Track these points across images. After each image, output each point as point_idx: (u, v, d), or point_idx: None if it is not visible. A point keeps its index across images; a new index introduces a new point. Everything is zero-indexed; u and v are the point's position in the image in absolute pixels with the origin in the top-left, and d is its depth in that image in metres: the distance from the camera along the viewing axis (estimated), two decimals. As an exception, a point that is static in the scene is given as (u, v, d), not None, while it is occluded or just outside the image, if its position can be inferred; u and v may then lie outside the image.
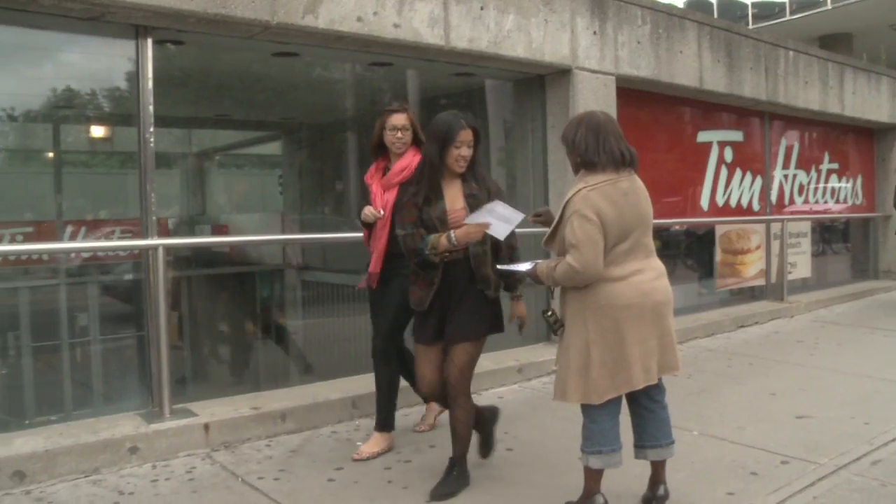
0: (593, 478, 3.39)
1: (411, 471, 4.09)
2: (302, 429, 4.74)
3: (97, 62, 5.81)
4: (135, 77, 4.77)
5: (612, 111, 6.78)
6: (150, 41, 4.72)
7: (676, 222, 8.54)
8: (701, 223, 8.78)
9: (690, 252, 9.17)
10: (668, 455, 3.52)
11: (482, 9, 5.81)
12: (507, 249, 3.81)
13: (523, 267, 3.59)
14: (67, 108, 7.41)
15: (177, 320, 6.98)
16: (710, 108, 8.58)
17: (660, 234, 8.60)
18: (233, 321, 7.83)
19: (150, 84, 4.70)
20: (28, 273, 6.56)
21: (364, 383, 4.89)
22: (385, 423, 4.37)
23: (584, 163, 3.31)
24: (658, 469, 3.54)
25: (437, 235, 3.64)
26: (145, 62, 4.71)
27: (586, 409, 3.35)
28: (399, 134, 4.26)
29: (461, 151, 3.71)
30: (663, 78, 7.30)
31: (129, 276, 6.45)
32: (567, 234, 3.23)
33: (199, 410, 4.60)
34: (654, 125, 7.98)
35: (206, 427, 4.42)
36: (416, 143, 4.33)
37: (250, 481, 3.94)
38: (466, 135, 3.72)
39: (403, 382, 4.47)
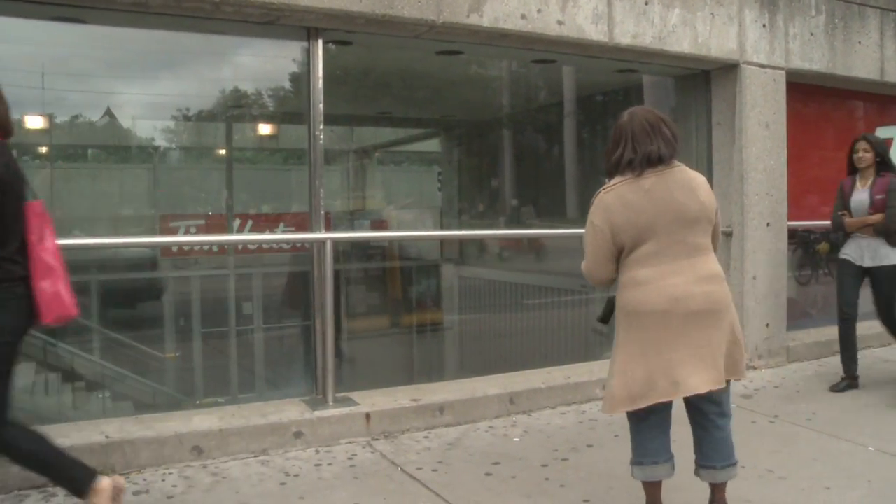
0: (647, 489, 3.25)
1: (568, 469, 4.05)
2: (459, 422, 4.79)
3: (270, 63, 6.12)
4: (306, 77, 4.97)
5: (782, 106, 6.48)
6: (320, 42, 4.89)
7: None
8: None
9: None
10: (724, 478, 3.23)
11: (646, 4, 5.67)
12: None
13: None
14: (239, 108, 7.82)
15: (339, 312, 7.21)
16: (891, 102, 7.98)
17: (829, 236, 8.11)
18: (392, 314, 8.02)
19: (321, 83, 4.88)
20: (199, 263, 6.98)
21: (521, 379, 4.90)
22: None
23: (607, 172, 3.21)
24: (715, 492, 3.27)
25: None
26: (316, 62, 4.89)
27: (628, 418, 3.22)
28: None
29: None
30: (839, 71, 6.86)
31: (293, 269, 6.73)
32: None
33: (361, 400, 4.74)
34: (827, 121, 7.52)
35: (368, 416, 4.55)
36: None
37: (409, 471, 4.02)
38: None
39: None
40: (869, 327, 7.41)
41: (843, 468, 4.06)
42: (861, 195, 5.61)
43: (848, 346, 5.79)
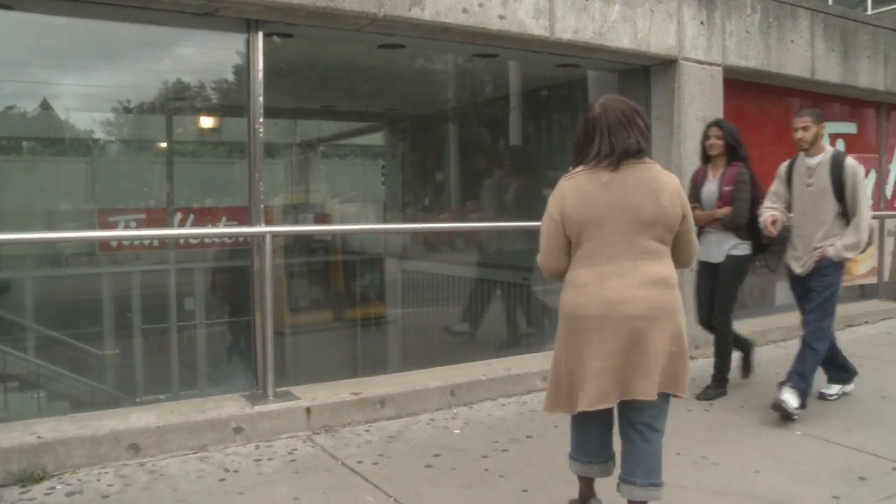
0: (580, 481, 3.27)
1: (508, 460, 4.09)
2: (401, 415, 4.80)
3: (209, 56, 6.03)
4: (245, 69, 4.92)
5: (719, 102, 6.62)
6: (260, 34, 4.85)
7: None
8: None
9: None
10: (643, 497, 2.99)
11: (587, -1, 5.74)
12: None
13: None
14: (179, 100, 7.70)
15: (281, 306, 7.16)
16: (822, 100, 8.20)
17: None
18: (334, 308, 7.99)
19: (261, 76, 4.83)
20: (139, 258, 6.87)
21: (462, 372, 4.92)
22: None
23: (574, 163, 3.05)
24: None
25: None
26: (256, 55, 4.84)
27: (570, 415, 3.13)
28: None
29: None
30: (773, 68, 7.04)
31: (234, 263, 6.66)
32: None
33: (302, 394, 4.71)
34: (762, 117, 7.71)
35: (308, 410, 4.53)
36: None
37: (350, 465, 4.02)
38: None
39: None
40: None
41: (772, 452, 4.19)
42: (711, 186, 5.26)
43: (719, 350, 5.45)
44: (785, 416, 4.62)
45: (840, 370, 5.29)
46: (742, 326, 6.99)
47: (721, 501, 3.58)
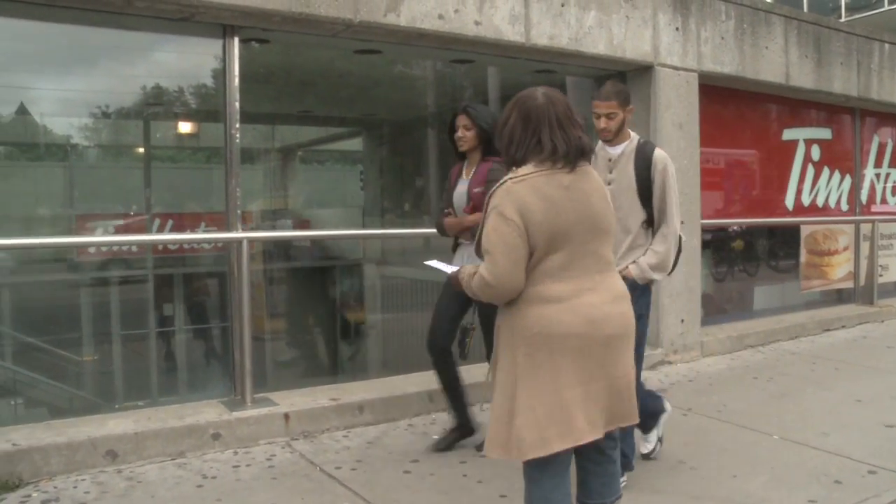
0: None
1: (486, 465, 4.10)
2: (379, 421, 4.80)
3: (186, 61, 6.03)
4: (221, 75, 4.92)
5: (695, 108, 6.68)
6: (236, 40, 4.85)
7: (758, 222, 8.31)
8: (785, 223, 8.53)
9: (773, 253, 8.92)
10: None
11: (563, 5, 5.77)
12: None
13: (448, 269, 2.94)
14: (157, 105, 7.68)
15: (259, 312, 7.16)
16: (797, 105, 8.32)
17: (742, 234, 8.41)
18: (312, 314, 7.99)
19: (237, 81, 4.83)
20: (117, 264, 6.84)
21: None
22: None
23: (510, 160, 2.64)
24: None
25: None
26: (232, 60, 4.84)
27: (525, 466, 2.61)
28: None
29: None
30: (748, 74, 7.11)
31: (212, 269, 6.65)
32: (483, 237, 2.56)
33: (280, 400, 4.71)
34: (738, 122, 7.79)
35: (286, 416, 4.53)
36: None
37: (328, 470, 4.02)
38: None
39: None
40: (777, 321, 7.75)
41: (749, 457, 4.22)
42: (462, 188, 4.19)
43: (451, 388, 4.31)
44: None
45: (650, 415, 4.03)
46: (720, 331, 7.10)
47: None
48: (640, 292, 3.68)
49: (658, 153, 3.81)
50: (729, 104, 7.57)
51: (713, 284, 8.04)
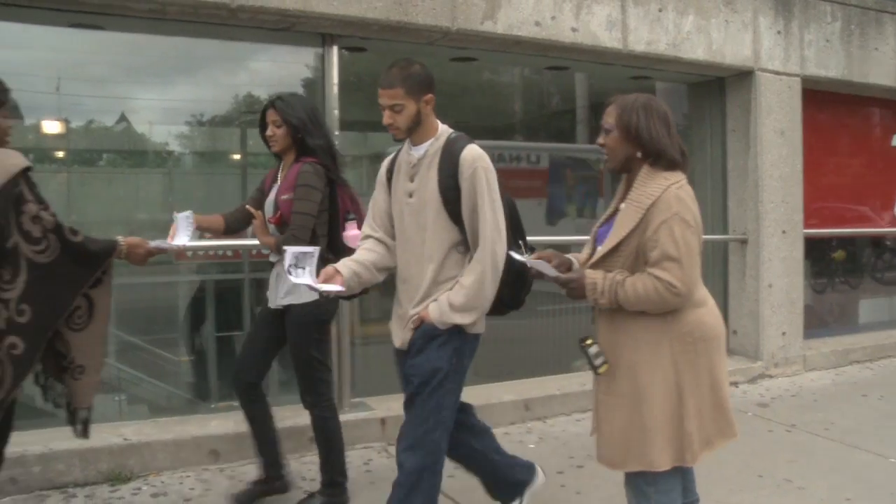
0: None
1: (584, 476, 4.05)
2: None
3: (285, 69, 6.14)
4: (320, 83, 5.00)
5: (797, 113, 6.47)
6: (335, 48, 4.93)
7: (865, 232, 7.97)
8: (894, 233, 8.16)
9: (878, 264, 8.55)
10: None
11: (661, 11, 5.67)
12: None
13: (547, 269, 2.66)
14: (253, 114, 7.85)
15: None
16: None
17: (843, 244, 8.09)
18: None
19: (336, 90, 4.91)
20: (213, 267, 7.01)
21: (536, 386, 4.89)
22: None
23: (664, 160, 2.56)
24: None
25: None
26: (331, 68, 4.92)
27: (652, 478, 2.58)
28: None
29: None
30: (855, 78, 6.85)
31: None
32: (665, 244, 2.43)
33: (376, 405, 4.75)
34: (843, 128, 7.50)
35: (383, 421, 4.56)
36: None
37: (424, 477, 4.01)
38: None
39: None
40: (888, 336, 7.38)
41: (864, 479, 4.04)
42: (272, 195, 3.62)
43: (260, 430, 3.73)
44: None
45: (510, 485, 3.49)
46: (824, 345, 6.81)
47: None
48: (444, 340, 2.87)
49: (467, 152, 2.85)
50: (833, 109, 7.30)
51: (813, 296, 7.75)
